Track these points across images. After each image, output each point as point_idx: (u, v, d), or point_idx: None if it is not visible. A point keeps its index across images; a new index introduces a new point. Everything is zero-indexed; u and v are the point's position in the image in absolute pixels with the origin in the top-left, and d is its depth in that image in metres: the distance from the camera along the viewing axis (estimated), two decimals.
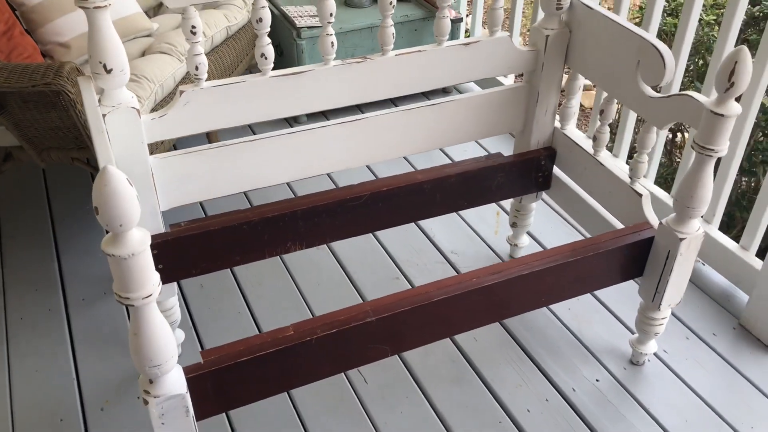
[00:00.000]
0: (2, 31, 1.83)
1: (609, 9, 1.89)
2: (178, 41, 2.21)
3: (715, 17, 2.78)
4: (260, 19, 1.43)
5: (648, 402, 1.72)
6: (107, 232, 1.00)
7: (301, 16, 2.67)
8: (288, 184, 2.43)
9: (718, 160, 1.84)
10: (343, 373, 1.78)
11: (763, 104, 2.56)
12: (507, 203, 2.35)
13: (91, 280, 2.05)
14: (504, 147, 2.62)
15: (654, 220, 1.63)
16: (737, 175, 2.24)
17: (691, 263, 1.59)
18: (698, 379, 1.78)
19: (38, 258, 2.13)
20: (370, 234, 2.23)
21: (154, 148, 2.02)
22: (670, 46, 1.72)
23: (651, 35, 1.54)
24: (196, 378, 1.25)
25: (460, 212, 2.32)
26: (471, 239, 2.22)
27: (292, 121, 2.73)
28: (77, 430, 1.64)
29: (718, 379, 1.78)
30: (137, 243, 1.00)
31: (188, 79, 2.17)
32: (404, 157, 2.58)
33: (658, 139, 2.16)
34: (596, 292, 2.02)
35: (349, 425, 1.66)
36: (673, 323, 1.93)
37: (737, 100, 1.37)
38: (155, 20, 2.43)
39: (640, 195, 1.65)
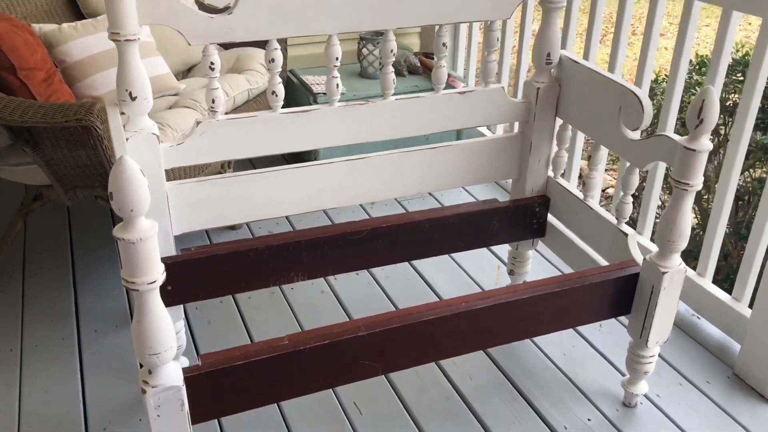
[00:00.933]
0: (43, 78, 2.02)
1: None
2: (202, 98, 2.39)
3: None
4: (272, 60, 1.59)
5: None
6: (117, 222, 1.11)
7: (317, 84, 2.87)
8: (288, 219, 2.56)
9: (710, 221, 1.93)
10: (338, 404, 1.83)
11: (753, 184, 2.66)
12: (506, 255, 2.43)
13: (105, 314, 2.14)
14: (493, 197, 2.73)
15: (639, 257, 1.71)
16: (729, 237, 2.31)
17: (676, 299, 1.65)
18: (691, 423, 1.79)
19: (57, 293, 2.23)
20: (373, 280, 2.31)
21: (200, 171, 2.16)
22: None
23: (629, 83, 1.67)
24: (193, 378, 1.32)
25: (459, 261, 2.41)
26: (471, 288, 2.29)
27: (289, 159, 2.91)
28: None
29: (711, 425, 1.79)
30: (146, 229, 1.11)
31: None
32: (397, 200, 2.70)
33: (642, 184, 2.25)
34: (591, 339, 2.07)
35: None
36: (667, 370, 1.96)
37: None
38: (183, 82, 2.63)
39: (626, 234, 1.73)
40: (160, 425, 1.27)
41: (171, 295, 1.67)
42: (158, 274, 1.15)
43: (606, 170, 2.99)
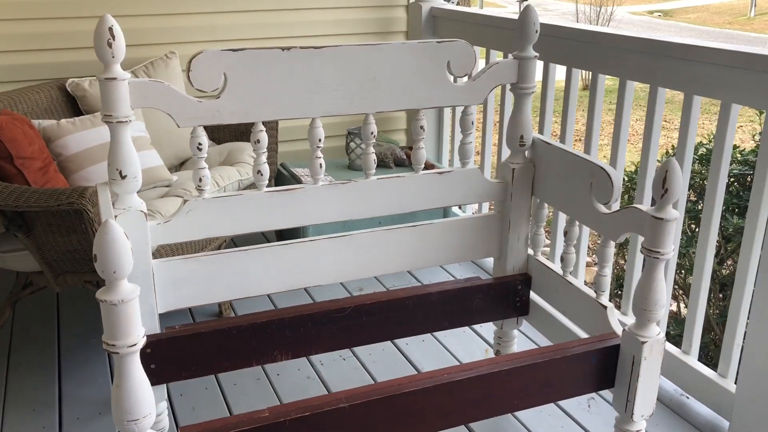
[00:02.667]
0: (39, 167, 2.10)
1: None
2: (191, 188, 2.47)
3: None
4: (258, 141, 1.67)
5: None
6: (100, 285, 1.14)
7: (307, 175, 2.96)
8: (270, 297, 2.58)
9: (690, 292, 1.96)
10: None
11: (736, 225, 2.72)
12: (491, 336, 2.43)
13: (88, 402, 2.12)
14: (472, 275, 2.76)
15: (619, 329, 1.72)
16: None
17: (657, 369, 1.66)
18: None
19: (41, 382, 2.22)
20: (359, 364, 2.31)
21: (206, 244, 2.20)
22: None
23: (598, 160, 1.75)
24: None
25: (444, 342, 2.41)
26: None
27: (270, 237, 2.95)
28: None
29: None
30: (128, 291, 1.14)
31: None
32: (376, 278, 2.73)
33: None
34: (579, 419, 2.05)
35: None
36: None
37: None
38: (175, 174, 2.72)
39: (605, 307, 1.76)
40: None
41: (155, 374, 1.67)
42: (139, 337, 1.17)
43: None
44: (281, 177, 3.08)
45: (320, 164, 1.76)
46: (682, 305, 3.95)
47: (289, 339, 1.80)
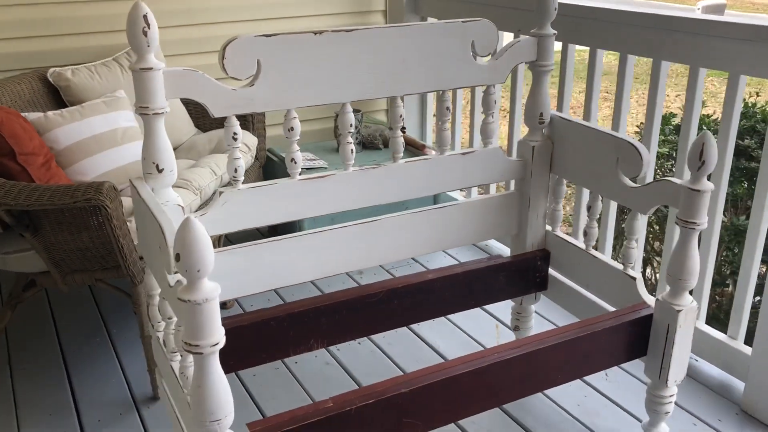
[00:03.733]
0: (41, 162, 2.00)
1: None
2: (192, 177, 2.40)
3: (667, 150, 3.13)
4: (291, 128, 1.63)
5: None
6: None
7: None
8: (277, 293, 2.55)
9: None
10: None
11: (725, 224, 2.83)
12: (502, 316, 2.47)
13: (106, 403, 2.06)
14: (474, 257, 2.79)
15: (650, 299, 1.77)
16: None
17: (690, 335, 1.72)
18: None
19: (50, 386, 2.13)
20: (376, 347, 2.31)
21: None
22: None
23: (625, 135, 1.79)
24: None
25: (457, 323, 2.43)
26: (473, 348, 2.31)
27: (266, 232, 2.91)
28: None
29: None
30: (210, 290, 1.10)
31: (205, 206, 2.34)
32: (382, 267, 2.73)
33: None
34: (600, 388, 2.10)
35: None
36: (679, 412, 2.00)
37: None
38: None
39: (634, 278, 1.81)
40: None
41: None
42: (221, 336, 1.14)
43: None
44: (270, 162, 3.03)
45: (351, 150, 1.73)
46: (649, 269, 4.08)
47: (325, 327, 1.78)
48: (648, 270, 4.13)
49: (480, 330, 2.41)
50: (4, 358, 2.27)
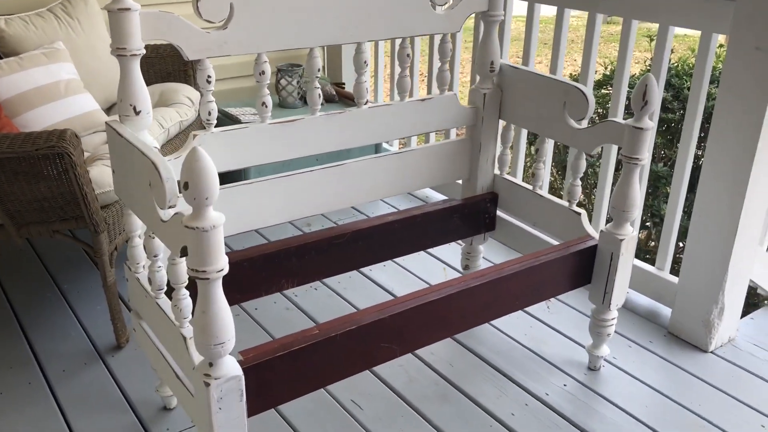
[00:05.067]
0: None
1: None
2: (156, 127, 2.38)
3: None
4: (262, 72, 1.67)
5: (611, 396, 1.94)
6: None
7: (243, 114, 2.93)
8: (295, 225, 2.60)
9: None
10: (338, 404, 1.88)
11: (652, 171, 3.05)
12: (447, 258, 2.60)
13: (68, 355, 2.05)
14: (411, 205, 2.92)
15: (594, 232, 1.94)
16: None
17: (631, 262, 1.90)
18: (647, 374, 2.04)
19: (6, 341, 2.10)
20: (332, 291, 2.39)
21: None
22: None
23: (571, 81, 1.92)
24: (244, 371, 1.35)
25: (405, 265, 2.55)
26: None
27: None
28: None
29: (662, 373, 2.05)
30: (217, 217, 1.16)
31: (167, 147, 2.34)
32: (324, 215, 2.81)
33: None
34: (544, 319, 2.28)
35: None
36: (615, 337, 2.20)
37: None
38: (113, 115, 2.59)
39: (579, 213, 1.97)
40: (221, 419, 1.29)
41: None
42: (225, 262, 1.19)
43: None
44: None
45: (318, 94, 1.79)
46: None
47: (295, 267, 1.85)
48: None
49: (428, 272, 2.53)
50: None
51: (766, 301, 2.50)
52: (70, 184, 1.85)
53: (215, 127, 1.67)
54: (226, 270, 1.19)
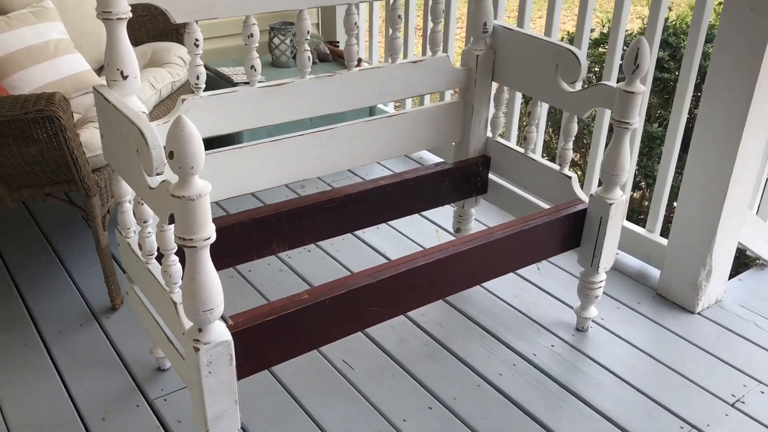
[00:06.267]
0: None
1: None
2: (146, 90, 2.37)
3: (588, 62, 3.29)
4: (251, 35, 1.66)
5: (598, 357, 1.98)
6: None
7: (235, 74, 2.90)
8: (219, 205, 2.61)
9: None
10: (329, 364, 1.92)
11: (646, 131, 3.04)
12: (440, 221, 2.61)
13: (64, 316, 2.08)
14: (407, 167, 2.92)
15: (584, 196, 1.95)
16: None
17: (619, 227, 1.91)
18: (633, 335, 2.07)
19: (2, 302, 2.13)
20: (325, 253, 2.41)
21: None
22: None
23: (564, 43, 1.91)
24: (232, 336, 1.37)
25: (399, 228, 2.56)
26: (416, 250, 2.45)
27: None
28: None
29: (649, 334, 2.08)
30: (203, 186, 1.16)
31: (159, 108, 2.33)
32: (320, 179, 2.82)
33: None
34: (534, 281, 2.30)
35: (345, 403, 1.79)
36: (604, 298, 2.23)
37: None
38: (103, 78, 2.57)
39: (569, 177, 1.97)
40: (211, 382, 1.31)
41: None
42: (212, 230, 1.20)
43: None
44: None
45: (308, 57, 1.78)
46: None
47: (286, 231, 1.86)
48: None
49: (421, 234, 2.55)
50: None
51: (756, 262, 2.52)
52: (60, 147, 1.85)
53: (205, 90, 1.66)
54: (213, 238, 1.20)
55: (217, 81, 2.93)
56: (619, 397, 1.84)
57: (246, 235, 1.80)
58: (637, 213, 3.15)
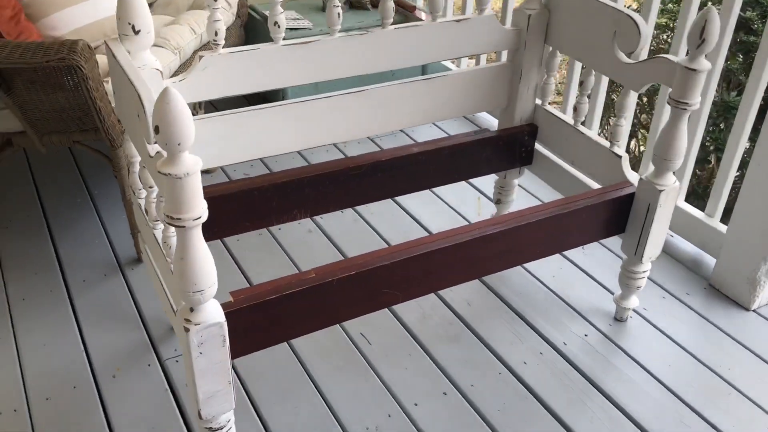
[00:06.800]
0: (10, 16, 1.89)
1: None
2: (170, 36, 2.29)
3: (665, 20, 3.02)
4: None
5: (634, 352, 1.85)
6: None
7: (292, 19, 2.79)
8: (263, 161, 2.53)
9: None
10: (346, 336, 1.85)
11: (714, 100, 2.79)
12: (485, 186, 2.48)
13: (90, 264, 2.08)
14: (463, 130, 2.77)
15: (634, 178, 1.78)
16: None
17: (669, 215, 1.74)
18: (677, 330, 1.92)
19: (34, 245, 2.15)
20: (358, 216, 2.33)
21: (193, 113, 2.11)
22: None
23: (624, 8, 1.71)
24: (228, 314, 1.31)
25: (441, 195, 2.44)
26: (455, 220, 2.34)
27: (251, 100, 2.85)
28: (91, 396, 1.67)
29: (694, 330, 1.92)
30: (192, 164, 1.08)
31: (184, 67, 2.25)
32: (369, 138, 2.70)
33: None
34: (576, 261, 2.16)
35: (358, 381, 1.73)
36: (650, 285, 2.07)
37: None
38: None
39: (620, 156, 1.80)
40: (202, 363, 1.26)
41: None
42: (203, 209, 1.12)
43: None
44: (252, 21, 2.89)
45: (338, 13, 1.65)
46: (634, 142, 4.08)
47: (308, 197, 1.78)
48: (632, 142, 4.13)
49: (462, 202, 2.43)
50: None
51: None
52: (83, 96, 1.80)
53: (249, 38, 1.56)
54: (204, 217, 1.13)
55: (262, 25, 2.82)
56: (650, 398, 1.71)
57: (266, 200, 1.72)
58: (701, 194, 2.91)
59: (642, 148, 4.05)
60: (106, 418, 1.62)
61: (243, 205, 1.70)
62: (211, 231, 1.69)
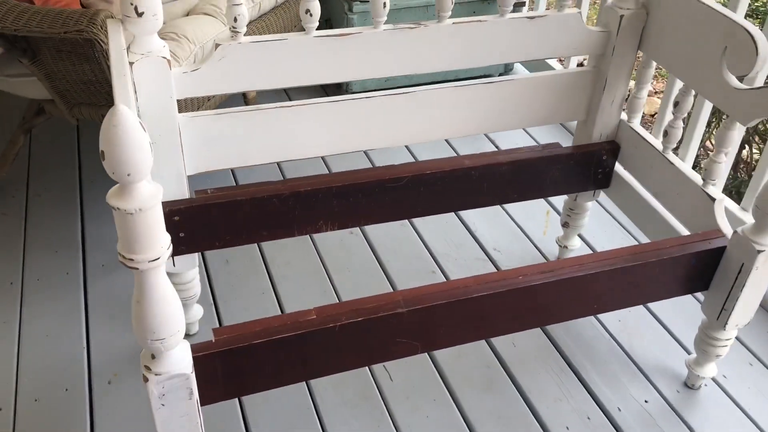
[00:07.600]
0: None
1: None
2: (225, 4, 2.10)
3: None
4: None
5: (701, 430, 1.55)
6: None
7: None
8: (324, 160, 2.31)
9: None
10: (367, 368, 1.65)
11: None
12: (559, 201, 2.18)
13: (113, 248, 1.95)
14: (557, 139, 2.45)
15: (727, 228, 1.46)
16: None
17: (767, 280, 1.41)
18: (760, 409, 1.60)
19: (62, 219, 2.04)
20: (407, 222, 2.09)
21: (200, 105, 1.93)
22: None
23: (741, 18, 1.37)
24: (204, 357, 1.13)
25: (506, 207, 2.17)
26: (516, 237, 2.06)
27: (321, 91, 2.62)
28: (81, 402, 1.54)
29: None
30: (147, 197, 0.88)
31: (256, 25, 2.06)
32: (447, 142, 2.44)
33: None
34: (652, 306, 1.85)
35: (368, 423, 1.52)
36: (737, 346, 1.74)
37: None
38: None
39: (714, 199, 1.48)
40: (164, 414, 1.09)
41: (183, 242, 1.46)
42: (163, 249, 0.92)
43: None
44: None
45: (384, 3, 1.39)
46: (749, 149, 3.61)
47: (336, 209, 1.56)
48: (744, 151, 3.65)
49: (528, 216, 2.14)
50: (22, 183, 2.18)
51: None
52: (107, 71, 1.64)
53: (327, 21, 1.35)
54: (165, 257, 0.93)
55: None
56: None
57: (286, 209, 1.52)
58: None
59: (756, 156, 3.57)
60: (92, 430, 1.49)
61: (261, 212, 1.50)
62: (222, 238, 1.52)
